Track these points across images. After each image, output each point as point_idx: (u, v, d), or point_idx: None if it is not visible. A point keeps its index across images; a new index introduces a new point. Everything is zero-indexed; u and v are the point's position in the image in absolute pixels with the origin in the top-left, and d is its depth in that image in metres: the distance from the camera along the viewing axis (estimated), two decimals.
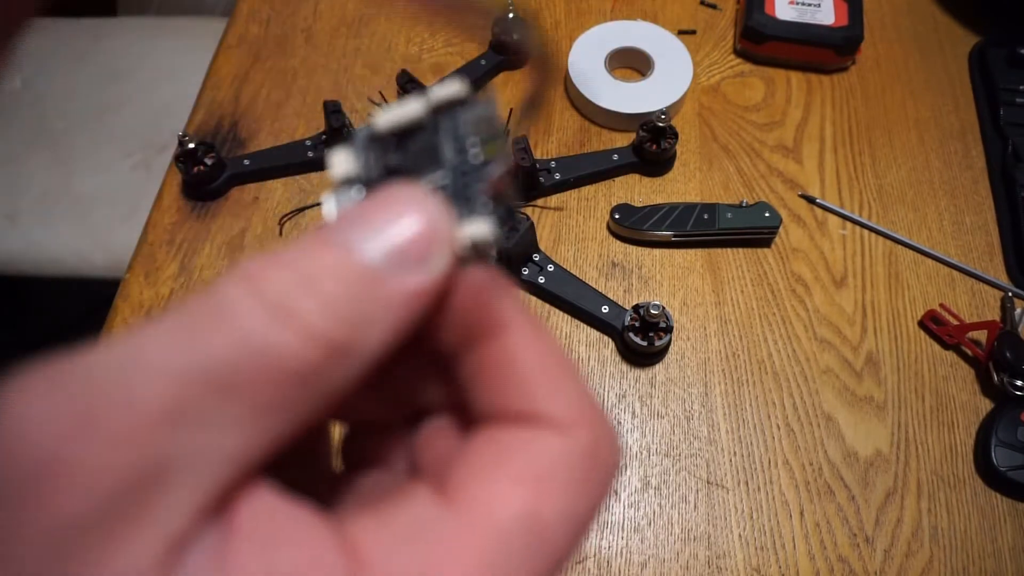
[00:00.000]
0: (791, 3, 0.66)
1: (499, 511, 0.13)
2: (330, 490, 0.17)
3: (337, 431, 0.19)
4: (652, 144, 0.58)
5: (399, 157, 0.16)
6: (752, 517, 0.46)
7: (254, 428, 0.12)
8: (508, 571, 0.13)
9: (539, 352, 0.15)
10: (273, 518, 0.13)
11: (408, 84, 0.58)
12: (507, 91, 0.64)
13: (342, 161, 0.16)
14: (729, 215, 0.55)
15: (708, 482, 0.48)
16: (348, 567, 0.13)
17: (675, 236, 0.55)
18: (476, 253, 0.15)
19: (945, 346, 0.53)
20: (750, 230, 0.55)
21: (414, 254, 0.14)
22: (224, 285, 0.13)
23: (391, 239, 0.14)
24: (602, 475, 0.15)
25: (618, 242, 0.57)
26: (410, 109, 0.16)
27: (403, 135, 0.16)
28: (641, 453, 0.49)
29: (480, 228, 0.15)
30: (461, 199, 0.16)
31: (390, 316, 0.14)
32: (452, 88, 0.16)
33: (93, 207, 0.88)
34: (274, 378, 0.12)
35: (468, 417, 0.16)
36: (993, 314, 0.54)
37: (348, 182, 0.16)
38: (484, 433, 0.15)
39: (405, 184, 0.15)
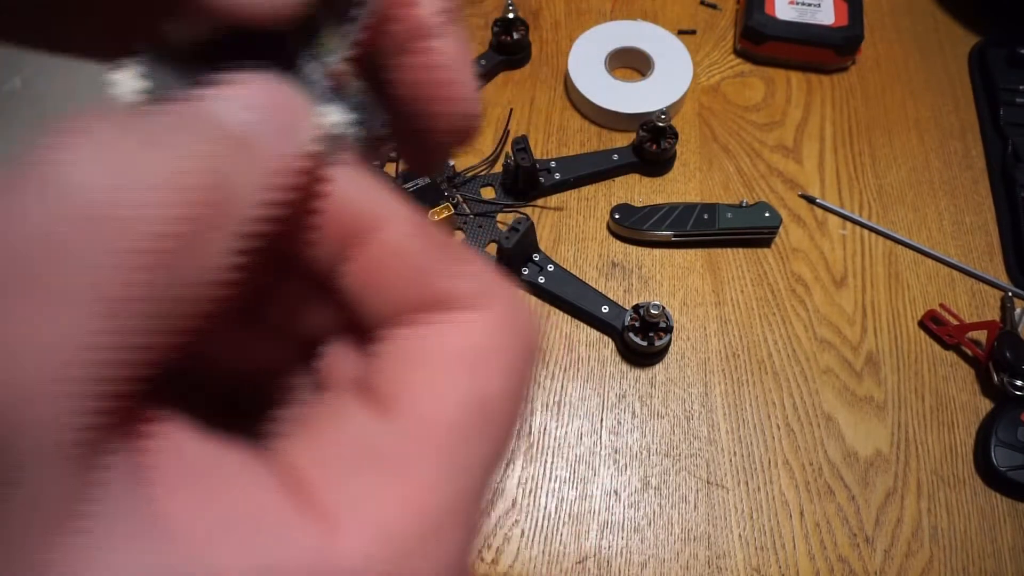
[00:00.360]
0: (791, 3, 0.66)
1: (443, 405, 0.13)
2: (244, 424, 0.15)
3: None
4: (652, 144, 0.58)
5: (214, 69, 0.14)
6: (752, 517, 0.46)
7: (105, 318, 0.10)
8: (469, 462, 0.13)
9: (425, 237, 0.14)
10: (192, 455, 0.11)
11: None
12: (507, 91, 0.64)
13: (128, 80, 0.13)
14: (729, 215, 0.55)
15: (708, 482, 0.48)
16: (299, 508, 0.11)
17: (675, 236, 0.55)
18: (333, 143, 0.14)
19: (945, 346, 0.53)
20: (750, 230, 0.55)
21: (280, 121, 0.13)
22: (54, 142, 0.11)
23: (256, 104, 0.12)
24: (527, 340, 0.14)
25: (618, 242, 0.57)
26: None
27: (216, 44, 0.14)
28: (641, 453, 0.49)
29: (333, 116, 0.14)
30: (304, 90, 0.14)
31: (265, 182, 0.12)
32: None
33: None
34: (122, 253, 0.10)
35: (366, 329, 0.14)
36: (993, 314, 0.54)
37: (143, 103, 0.13)
38: (395, 334, 0.14)
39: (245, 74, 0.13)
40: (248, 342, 0.16)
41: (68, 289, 0.10)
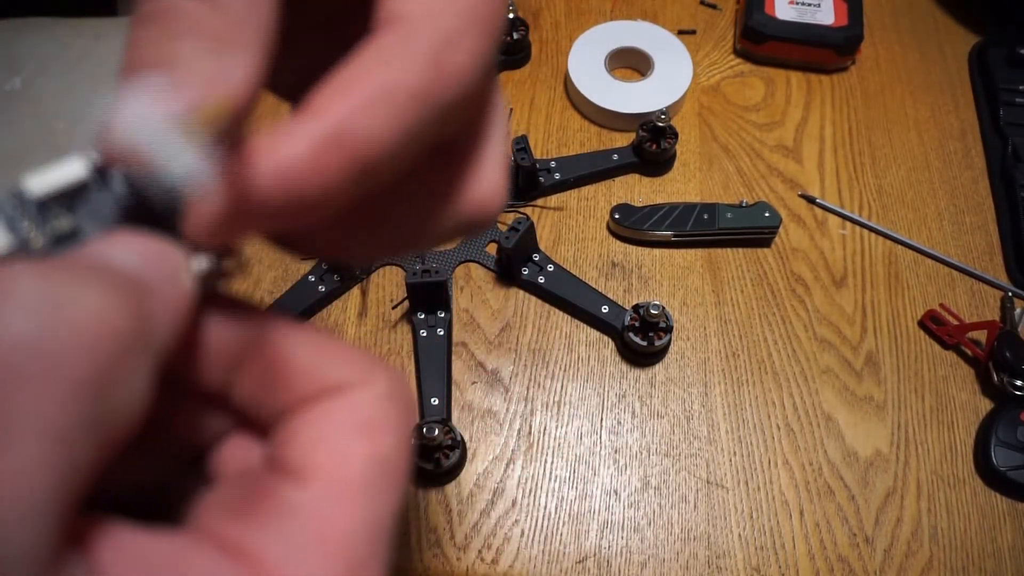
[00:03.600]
0: (791, 3, 0.66)
1: (351, 467, 0.15)
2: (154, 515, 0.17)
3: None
4: (652, 144, 0.58)
5: (72, 219, 0.15)
6: (752, 517, 0.46)
7: (54, 447, 0.11)
8: (378, 509, 0.15)
9: (306, 341, 0.16)
10: (136, 547, 0.13)
11: None
12: (507, 91, 0.64)
13: None
14: (729, 215, 0.55)
15: (708, 482, 0.48)
16: (246, 569, 0.13)
17: (675, 236, 0.55)
18: (206, 283, 0.16)
19: (945, 346, 0.53)
20: (750, 230, 0.55)
21: (167, 267, 0.15)
22: None
23: (147, 254, 0.14)
24: (407, 403, 0.17)
25: (618, 242, 0.57)
26: (71, 170, 0.15)
27: (69, 196, 0.15)
28: (641, 453, 0.49)
29: (200, 261, 0.16)
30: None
31: (166, 316, 0.14)
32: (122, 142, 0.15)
33: None
34: (63, 387, 0.11)
35: (259, 425, 0.17)
36: (993, 314, 0.54)
37: (8, 256, 0.14)
38: (296, 420, 0.16)
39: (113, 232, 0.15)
40: (147, 455, 0.18)
41: (18, 424, 0.11)
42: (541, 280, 0.53)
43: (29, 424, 0.11)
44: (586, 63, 0.63)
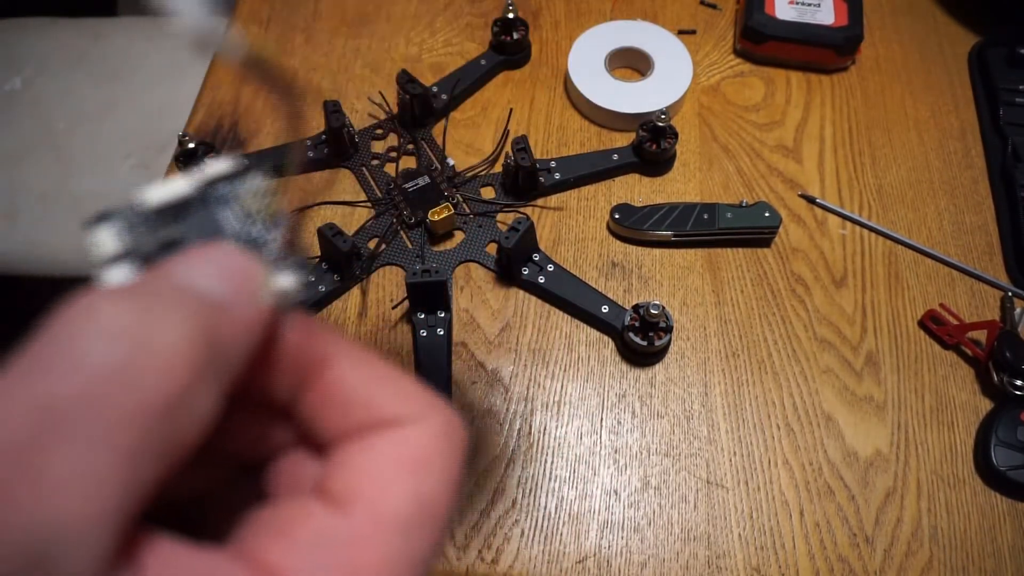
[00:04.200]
0: (791, 3, 0.66)
1: (392, 502, 0.15)
2: (219, 532, 0.18)
3: None
4: (652, 144, 0.58)
5: (177, 229, 0.17)
6: (752, 517, 0.46)
7: (124, 464, 0.12)
8: (414, 547, 0.15)
9: (370, 371, 0.17)
10: (179, 561, 0.13)
11: (408, 84, 0.58)
12: (507, 91, 0.64)
13: (108, 239, 0.16)
14: (729, 215, 0.55)
15: (708, 482, 0.48)
16: None
17: (675, 236, 0.55)
18: (286, 300, 0.17)
19: (945, 346, 0.53)
20: (750, 230, 0.55)
21: (246, 286, 0.15)
22: (66, 319, 0.13)
23: (225, 273, 0.15)
24: (458, 447, 0.17)
25: (618, 242, 0.57)
26: (179, 186, 0.17)
27: (177, 209, 0.17)
28: (641, 453, 0.49)
29: (284, 279, 0.17)
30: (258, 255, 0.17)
31: (239, 340, 0.15)
32: (221, 165, 0.18)
33: (93, 207, 0.88)
34: (138, 410, 0.12)
35: (318, 447, 0.17)
36: (993, 314, 0.54)
37: (118, 258, 0.16)
38: (348, 448, 0.16)
39: (209, 242, 0.16)
40: (208, 465, 0.18)
41: (92, 442, 0.12)
42: (541, 280, 0.53)
43: (101, 442, 0.12)
44: (586, 63, 0.63)
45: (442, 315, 0.51)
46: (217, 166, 0.17)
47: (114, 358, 0.12)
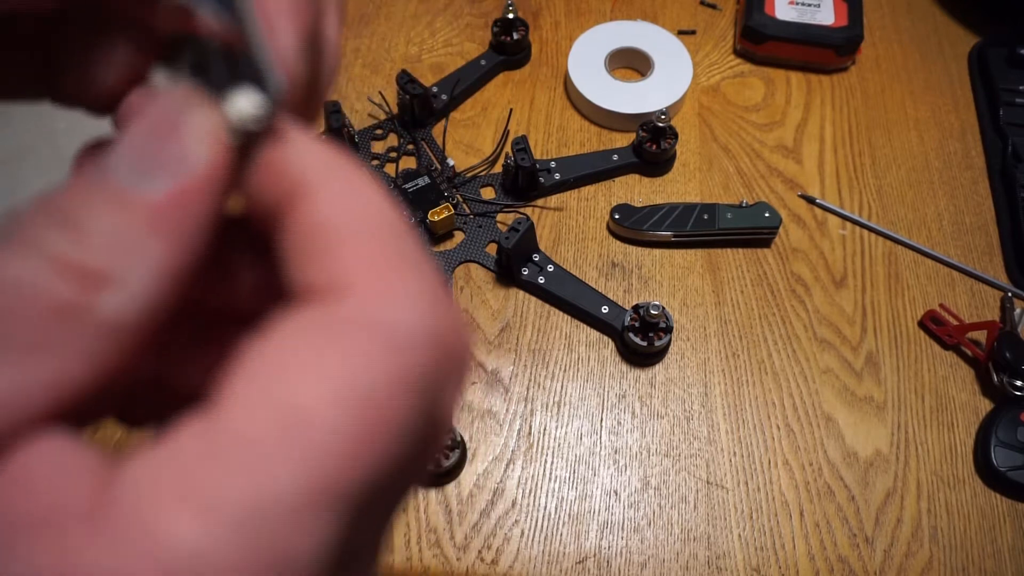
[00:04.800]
0: (791, 3, 0.66)
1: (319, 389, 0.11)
2: None
3: None
4: (652, 144, 0.58)
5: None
6: (752, 517, 0.46)
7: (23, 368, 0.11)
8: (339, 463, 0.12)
9: (348, 213, 0.13)
10: (45, 459, 0.11)
11: (408, 84, 0.58)
12: (507, 91, 0.64)
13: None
14: (729, 215, 0.55)
15: (708, 482, 0.48)
16: (94, 488, 0.11)
17: (675, 236, 0.55)
18: (251, 129, 0.13)
19: (945, 346, 0.53)
20: (750, 230, 0.55)
21: (156, 157, 0.12)
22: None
23: (129, 149, 0.12)
24: (446, 365, 0.13)
25: (618, 242, 0.57)
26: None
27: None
28: (641, 453, 0.49)
29: (240, 103, 0.13)
30: (209, 77, 0.13)
31: (151, 240, 0.12)
32: None
33: None
34: (37, 314, 0.11)
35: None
36: (993, 314, 0.54)
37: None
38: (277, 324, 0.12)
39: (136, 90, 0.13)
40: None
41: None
42: (541, 280, 0.53)
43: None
44: (586, 63, 0.63)
45: None
46: None
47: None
